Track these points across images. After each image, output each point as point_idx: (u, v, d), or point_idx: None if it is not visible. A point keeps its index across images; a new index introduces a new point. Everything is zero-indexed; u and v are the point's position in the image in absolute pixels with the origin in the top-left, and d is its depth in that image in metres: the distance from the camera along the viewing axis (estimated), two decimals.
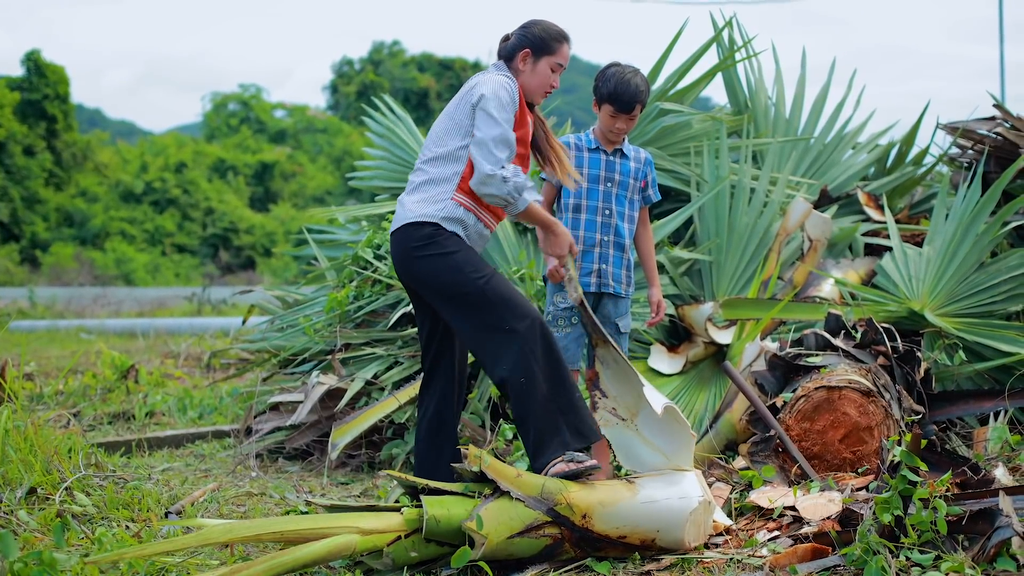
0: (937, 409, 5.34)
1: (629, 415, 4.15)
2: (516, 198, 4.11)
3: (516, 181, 4.09)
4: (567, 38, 4.35)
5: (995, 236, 6.00)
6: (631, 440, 4.10)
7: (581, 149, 4.77)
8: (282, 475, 5.78)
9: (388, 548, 3.61)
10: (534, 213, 4.20)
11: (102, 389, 8.25)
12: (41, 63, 34.08)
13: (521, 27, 4.37)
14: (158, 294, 24.57)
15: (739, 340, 5.99)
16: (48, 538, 4.04)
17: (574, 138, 4.80)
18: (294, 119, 48.43)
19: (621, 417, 4.12)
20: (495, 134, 4.08)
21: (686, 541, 3.90)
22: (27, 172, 33.03)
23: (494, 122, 4.09)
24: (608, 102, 4.66)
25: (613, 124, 4.70)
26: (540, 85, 4.31)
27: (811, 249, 6.47)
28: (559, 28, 4.35)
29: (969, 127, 7.13)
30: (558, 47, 4.31)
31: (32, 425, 5.02)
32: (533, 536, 3.74)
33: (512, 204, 4.12)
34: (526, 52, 4.29)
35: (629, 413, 4.15)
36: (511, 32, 4.39)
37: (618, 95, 4.62)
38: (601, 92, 4.68)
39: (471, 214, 4.19)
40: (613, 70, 4.68)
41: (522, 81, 4.30)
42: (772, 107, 7.91)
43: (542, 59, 4.29)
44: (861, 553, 3.56)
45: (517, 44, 4.32)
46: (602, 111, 4.71)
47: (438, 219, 4.14)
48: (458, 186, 4.17)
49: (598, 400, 4.16)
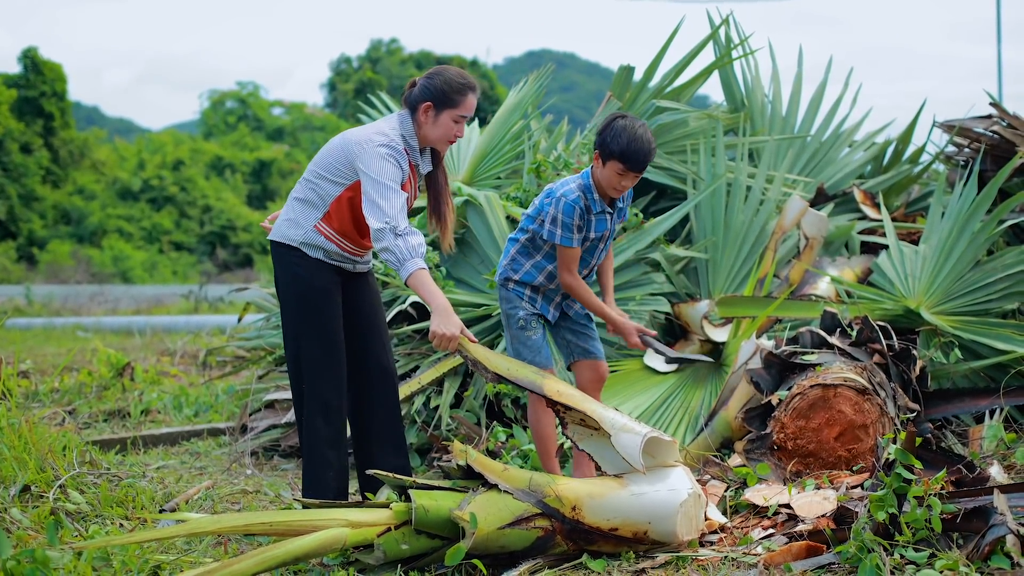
0: (932, 407, 5.34)
1: (599, 424, 4.13)
2: (403, 261, 4.07)
3: (407, 242, 4.07)
4: (472, 87, 4.25)
5: (991, 234, 6.00)
6: (608, 445, 4.07)
7: (591, 213, 4.47)
8: (277, 473, 5.78)
9: (379, 539, 3.62)
10: (423, 284, 4.08)
11: (98, 387, 8.24)
12: (38, 60, 34.02)
13: (426, 76, 4.29)
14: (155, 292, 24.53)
15: (735, 338, 5.99)
16: (41, 536, 4.04)
17: (582, 201, 4.41)
18: (292, 117, 48.41)
19: (592, 428, 4.11)
20: (384, 198, 4.09)
21: (678, 533, 3.90)
22: (24, 169, 32.98)
23: (382, 187, 4.09)
24: (619, 160, 4.31)
25: (620, 182, 4.39)
26: (442, 136, 4.26)
27: (807, 247, 6.47)
28: (463, 80, 4.25)
29: (965, 125, 7.12)
30: (461, 100, 4.22)
31: (27, 423, 5.02)
32: (524, 528, 3.75)
33: (398, 267, 4.09)
34: (428, 105, 4.22)
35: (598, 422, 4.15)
36: (417, 79, 4.31)
37: (631, 155, 4.29)
38: (611, 149, 4.32)
39: (332, 244, 4.30)
40: (622, 125, 4.33)
41: (424, 133, 4.26)
42: (769, 105, 7.91)
43: (444, 112, 4.22)
44: (856, 551, 3.57)
45: (419, 96, 4.25)
46: (608, 167, 4.35)
47: (297, 243, 4.29)
48: (323, 218, 4.28)
49: (564, 414, 4.15)
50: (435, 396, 5.73)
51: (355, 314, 4.44)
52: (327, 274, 4.31)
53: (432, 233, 4.57)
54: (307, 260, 4.28)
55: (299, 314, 4.29)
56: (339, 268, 4.35)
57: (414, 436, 5.63)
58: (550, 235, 4.43)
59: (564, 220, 4.39)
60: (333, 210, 4.24)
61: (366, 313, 4.48)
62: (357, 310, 4.45)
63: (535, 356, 4.52)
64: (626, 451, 3.95)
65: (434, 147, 4.36)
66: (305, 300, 4.28)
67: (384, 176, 4.09)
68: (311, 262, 4.28)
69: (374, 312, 4.52)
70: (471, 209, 6.53)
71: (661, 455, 4.03)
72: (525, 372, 4.16)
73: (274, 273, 4.42)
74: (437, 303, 4.06)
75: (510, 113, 7.48)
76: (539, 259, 4.55)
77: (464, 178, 7.17)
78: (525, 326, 4.57)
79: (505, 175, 7.22)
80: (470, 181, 7.15)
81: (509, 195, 6.66)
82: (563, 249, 4.44)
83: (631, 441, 3.95)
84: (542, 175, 6.61)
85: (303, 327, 4.29)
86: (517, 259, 4.58)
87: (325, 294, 4.29)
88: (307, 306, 4.28)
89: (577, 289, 4.49)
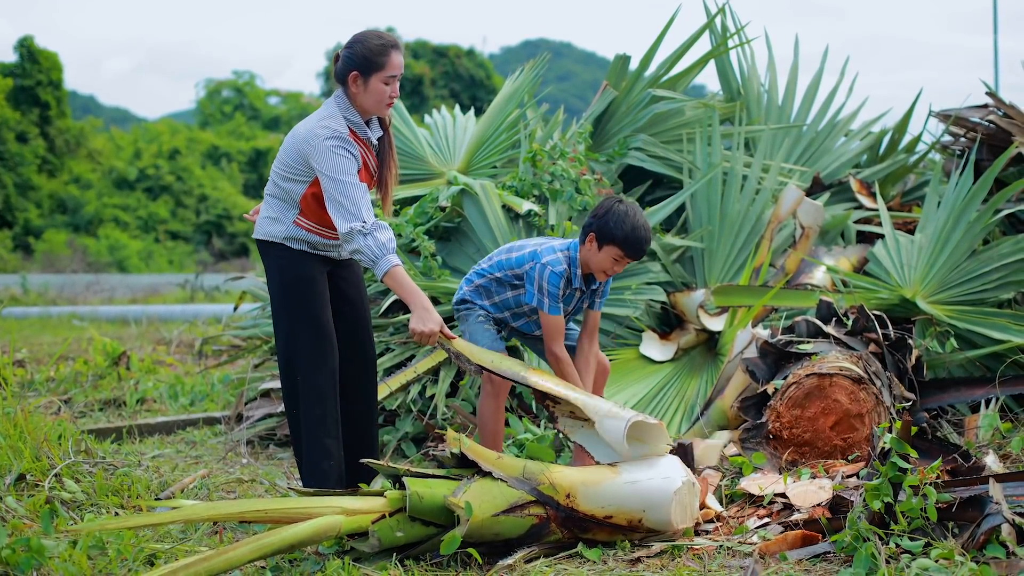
0: (928, 396, 5.35)
1: (584, 412, 4.13)
2: (375, 260, 4.09)
3: (376, 239, 4.08)
4: (394, 45, 4.21)
5: (987, 224, 6.00)
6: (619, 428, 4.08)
7: (569, 285, 4.51)
8: (273, 462, 5.78)
9: (373, 526, 3.62)
10: (399, 281, 4.12)
11: (93, 376, 8.23)
12: (34, 49, 33.91)
13: (346, 46, 4.25)
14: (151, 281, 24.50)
15: (731, 327, 6.00)
16: (37, 525, 4.03)
17: (567, 270, 4.47)
18: (288, 106, 48.32)
19: (583, 419, 4.11)
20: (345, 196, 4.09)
21: (673, 521, 3.91)
22: (20, 159, 32.90)
23: (340, 185, 4.09)
24: (620, 247, 4.36)
25: (613, 267, 4.43)
26: (378, 102, 4.23)
27: (803, 236, 6.47)
28: (382, 40, 4.21)
29: (962, 115, 7.12)
30: (385, 60, 4.18)
31: (22, 411, 5.01)
32: (518, 515, 3.75)
33: (372, 266, 4.11)
34: (355, 74, 4.19)
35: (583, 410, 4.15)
36: (339, 51, 4.28)
37: (634, 243, 4.36)
38: (613, 235, 4.36)
39: (315, 235, 4.30)
40: (623, 210, 4.38)
41: (360, 103, 4.23)
42: (765, 94, 7.91)
43: (372, 76, 4.18)
44: (851, 540, 3.57)
45: (344, 67, 4.22)
46: (605, 251, 4.39)
47: (281, 239, 4.30)
48: (299, 214, 4.28)
49: (553, 408, 4.15)
50: (431, 385, 5.72)
51: (342, 302, 4.45)
52: (314, 264, 4.32)
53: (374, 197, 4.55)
54: (292, 253, 4.29)
55: (290, 306, 4.29)
56: (325, 257, 4.36)
57: (410, 425, 5.64)
58: (538, 303, 4.47)
59: (550, 290, 4.44)
60: (304, 207, 4.26)
61: (353, 300, 4.49)
62: (344, 298, 4.45)
63: (493, 345, 4.56)
64: (611, 436, 3.96)
65: (375, 115, 4.33)
66: (294, 291, 4.29)
67: (339, 172, 4.09)
68: (296, 254, 4.29)
69: (360, 299, 4.53)
70: (467, 198, 6.52)
71: (652, 440, 4.04)
72: (509, 364, 4.18)
73: (264, 269, 4.43)
74: (415, 300, 4.10)
75: (506, 102, 7.47)
76: (499, 301, 4.63)
77: (460, 167, 7.16)
78: (485, 320, 4.62)
79: (501, 164, 7.21)
80: (466, 170, 7.14)
81: (505, 184, 6.66)
82: (549, 318, 4.47)
83: (615, 426, 3.96)
84: (538, 164, 6.60)
85: (294, 319, 4.28)
86: (480, 292, 4.65)
87: (312, 284, 4.30)
88: (296, 297, 4.28)
89: (562, 366, 4.50)
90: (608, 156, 7.17)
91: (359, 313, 4.51)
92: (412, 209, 6.55)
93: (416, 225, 6.42)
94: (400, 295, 4.14)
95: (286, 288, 4.29)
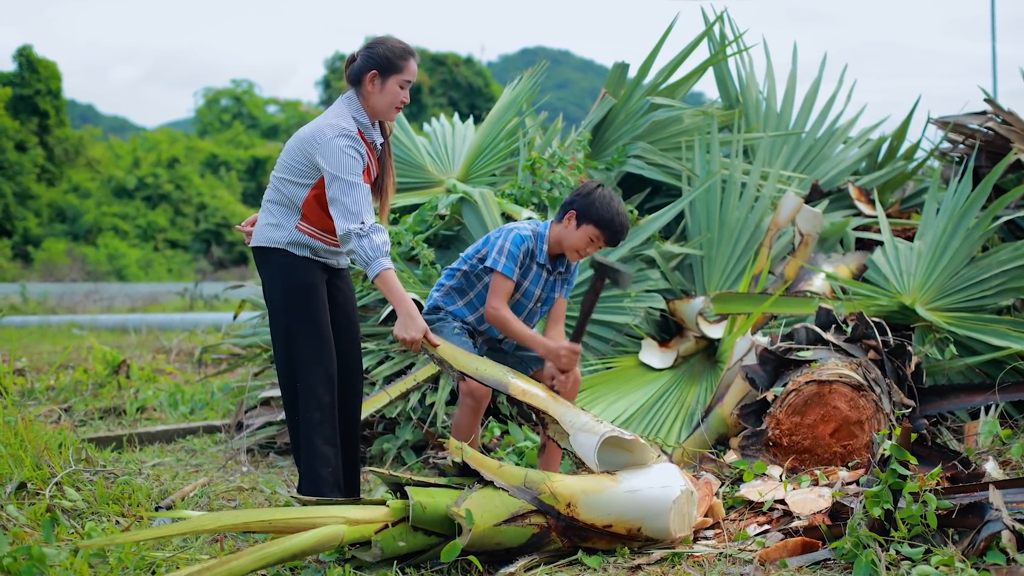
0: (928, 403, 5.35)
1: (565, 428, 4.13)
2: (369, 262, 4.12)
3: (372, 242, 4.11)
4: (412, 53, 4.32)
5: (986, 230, 6.01)
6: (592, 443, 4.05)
7: (533, 260, 4.54)
8: (273, 470, 5.78)
9: (376, 536, 3.62)
10: (389, 285, 4.16)
11: (93, 384, 8.23)
12: (33, 58, 33.93)
13: (366, 47, 4.35)
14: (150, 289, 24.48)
15: (730, 334, 6.00)
16: (38, 533, 4.03)
17: (531, 242, 4.51)
18: (287, 115, 48.34)
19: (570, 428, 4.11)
20: (348, 195, 4.12)
21: (672, 530, 3.91)
22: (19, 167, 32.90)
23: (345, 184, 4.12)
24: (599, 227, 4.41)
25: (587, 247, 4.46)
26: (390, 104, 4.30)
27: (802, 244, 6.48)
28: (403, 45, 4.33)
29: (960, 122, 7.14)
30: (404, 64, 4.28)
31: (22, 420, 5.01)
32: (519, 524, 3.75)
33: (365, 267, 4.15)
34: (373, 73, 4.27)
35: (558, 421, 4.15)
36: (356, 53, 4.38)
37: (615, 227, 4.41)
38: (596, 214, 4.40)
39: (318, 241, 4.32)
40: (607, 194, 4.44)
41: (372, 103, 4.30)
42: (763, 102, 7.92)
43: (389, 78, 4.27)
44: (851, 547, 3.58)
45: (363, 66, 4.30)
46: (583, 230, 4.43)
47: (284, 244, 4.30)
48: (301, 219, 4.30)
49: (543, 415, 4.15)
50: (431, 393, 5.73)
51: (337, 312, 4.47)
52: (315, 271, 4.33)
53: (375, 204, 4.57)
54: (295, 259, 4.30)
55: (290, 312, 4.29)
56: (324, 265, 4.38)
57: (410, 433, 5.64)
58: (493, 262, 4.47)
59: (510, 249, 4.45)
60: (307, 211, 4.27)
61: (347, 311, 4.52)
62: (339, 308, 4.48)
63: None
64: (582, 451, 3.98)
65: (383, 118, 4.38)
66: (296, 297, 4.29)
67: (345, 171, 4.13)
68: (299, 260, 4.30)
69: (353, 310, 4.57)
70: (466, 206, 6.53)
71: (638, 452, 4.04)
72: (492, 371, 4.18)
73: (261, 278, 4.42)
74: (402, 306, 4.15)
75: (505, 110, 7.48)
76: (472, 298, 4.62)
77: (459, 175, 7.17)
78: (461, 333, 4.60)
79: (500, 172, 7.22)
80: (465, 178, 7.15)
81: (504, 192, 6.67)
82: (499, 277, 4.47)
83: (588, 441, 3.98)
84: (537, 172, 6.61)
85: (296, 325, 4.29)
86: (451, 294, 4.64)
87: (314, 290, 4.32)
88: (298, 303, 4.29)
89: (501, 320, 4.48)
90: (607, 164, 7.18)
91: (351, 321, 4.55)
92: (411, 217, 6.56)
93: (415, 233, 6.43)
94: (388, 298, 4.20)
95: (289, 294, 4.30)
